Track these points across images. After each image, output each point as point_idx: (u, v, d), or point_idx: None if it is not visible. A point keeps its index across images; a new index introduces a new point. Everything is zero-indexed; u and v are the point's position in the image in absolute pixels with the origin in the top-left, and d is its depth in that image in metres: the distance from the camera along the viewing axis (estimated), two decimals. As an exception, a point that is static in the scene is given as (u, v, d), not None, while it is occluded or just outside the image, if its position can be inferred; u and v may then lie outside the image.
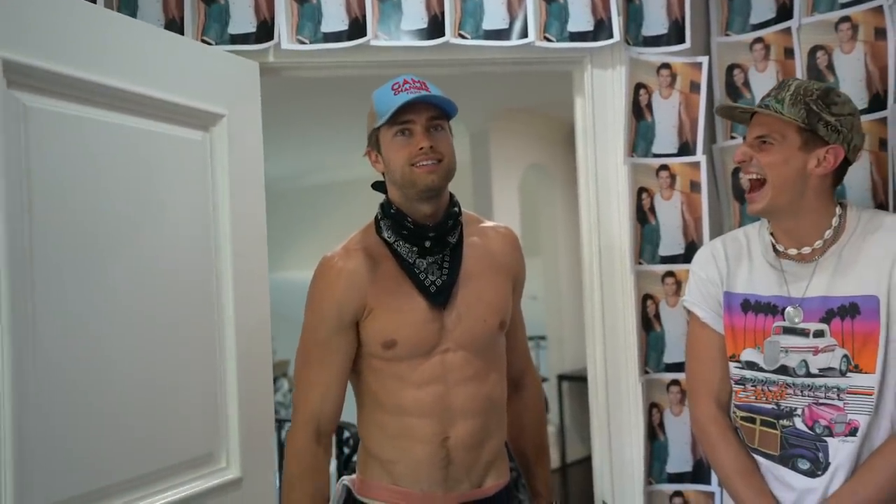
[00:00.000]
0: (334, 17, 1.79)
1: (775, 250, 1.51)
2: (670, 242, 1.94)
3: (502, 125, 5.30)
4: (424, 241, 1.42)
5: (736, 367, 1.53)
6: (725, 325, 1.56)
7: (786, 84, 1.46)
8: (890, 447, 1.36)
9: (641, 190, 1.92)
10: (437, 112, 1.40)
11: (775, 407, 1.47)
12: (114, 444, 1.38)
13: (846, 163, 1.45)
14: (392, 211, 1.43)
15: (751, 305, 1.52)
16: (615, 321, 1.95)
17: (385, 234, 1.43)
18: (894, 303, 1.36)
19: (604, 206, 1.96)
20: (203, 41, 1.76)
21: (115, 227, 1.41)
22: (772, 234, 1.53)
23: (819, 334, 1.43)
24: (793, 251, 1.47)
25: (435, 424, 1.44)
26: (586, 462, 4.25)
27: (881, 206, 1.73)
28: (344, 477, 1.61)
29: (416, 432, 1.45)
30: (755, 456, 1.51)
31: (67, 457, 1.28)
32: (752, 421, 1.51)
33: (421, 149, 1.36)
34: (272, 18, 1.78)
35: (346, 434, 3.61)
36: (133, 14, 1.67)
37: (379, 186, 1.52)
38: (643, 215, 1.93)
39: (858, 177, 1.74)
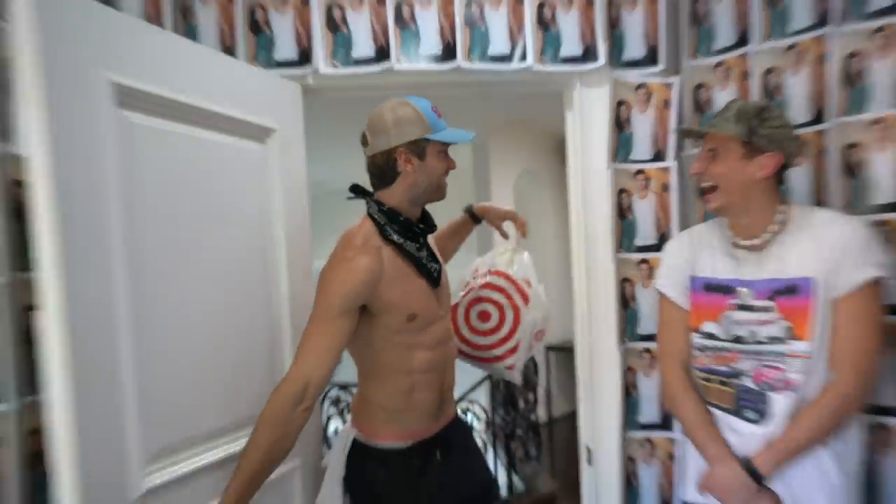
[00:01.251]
0: (363, 45, 1.78)
1: (733, 240, 1.52)
2: (645, 234, 1.94)
3: (499, 136, 5.30)
4: (419, 238, 1.48)
5: (698, 338, 1.54)
6: (691, 303, 1.58)
7: (729, 106, 1.48)
8: (819, 401, 1.38)
9: (621, 191, 1.93)
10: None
11: (729, 369, 1.50)
12: (201, 401, 1.40)
13: (785, 167, 1.47)
14: (401, 219, 1.44)
15: (711, 286, 1.54)
16: (598, 299, 1.95)
17: (395, 238, 1.44)
18: (829, 283, 1.37)
19: (589, 205, 1.96)
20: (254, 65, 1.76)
21: (197, 220, 1.42)
22: (730, 227, 1.54)
23: (766, 309, 1.45)
24: (746, 242, 1.49)
25: (437, 376, 1.53)
26: (569, 417, 4.32)
27: (820, 204, 1.70)
28: (342, 429, 1.62)
29: (423, 385, 1.51)
30: (711, 408, 1.53)
31: (170, 409, 1.31)
32: (710, 381, 1.53)
33: (451, 167, 1.51)
34: (310, 46, 1.77)
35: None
36: (193, 40, 1.64)
37: (356, 189, 1.53)
38: (622, 212, 1.94)
39: (802, 180, 1.74)
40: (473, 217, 1.85)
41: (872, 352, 1.40)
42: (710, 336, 1.53)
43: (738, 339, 1.49)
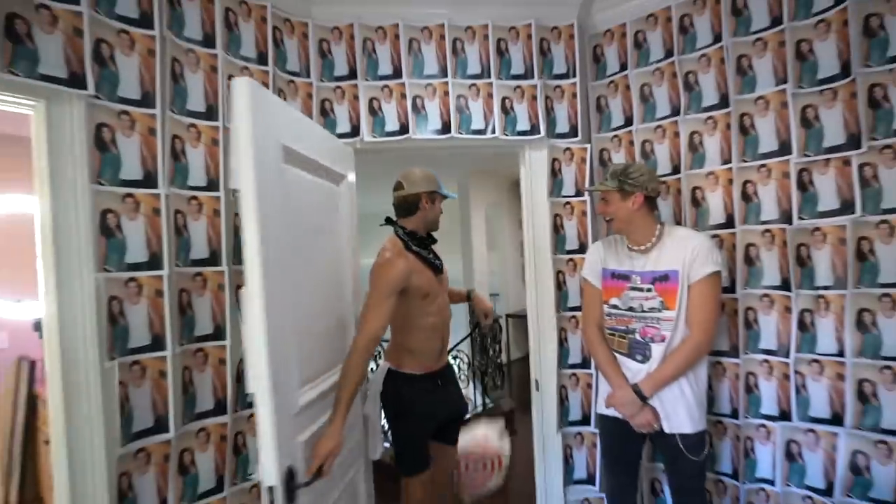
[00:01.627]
0: (391, 123, 1.89)
1: (629, 247, 1.64)
2: (571, 243, 2.03)
3: (475, 179, 5.56)
4: (429, 247, 1.72)
5: (606, 308, 1.66)
6: (602, 286, 1.68)
7: (608, 169, 1.64)
8: (681, 349, 1.52)
9: (556, 215, 2.02)
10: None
11: (626, 328, 1.61)
12: (318, 349, 1.44)
13: (651, 199, 1.59)
14: (417, 237, 1.69)
15: (615, 275, 1.65)
16: (543, 285, 2.03)
17: (414, 248, 1.66)
18: (688, 274, 1.51)
19: (536, 225, 2.04)
20: None
21: (313, 233, 1.45)
22: (627, 239, 1.65)
23: (649, 290, 1.58)
24: (636, 248, 1.62)
25: (439, 332, 1.74)
26: (522, 360, 4.67)
27: (678, 224, 1.88)
28: (381, 363, 1.80)
29: (432, 337, 1.72)
30: (615, 353, 1.64)
31: (307, 353, 1.36)
32: (614, 335, 1.65)
33: (441, 212, 1.76)
34: (359, 124, 1.88)
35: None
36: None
37: (389, 221, 1.75)
38: (557, 228, 2.03)
39: (668, 209, 1.91)
40: (468, 295, 2.00)
41: (714, 317, 1.52)
42: (615, 307, 1.64)
43: (631, 309, 1.60)
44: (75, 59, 1.29)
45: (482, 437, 2.41)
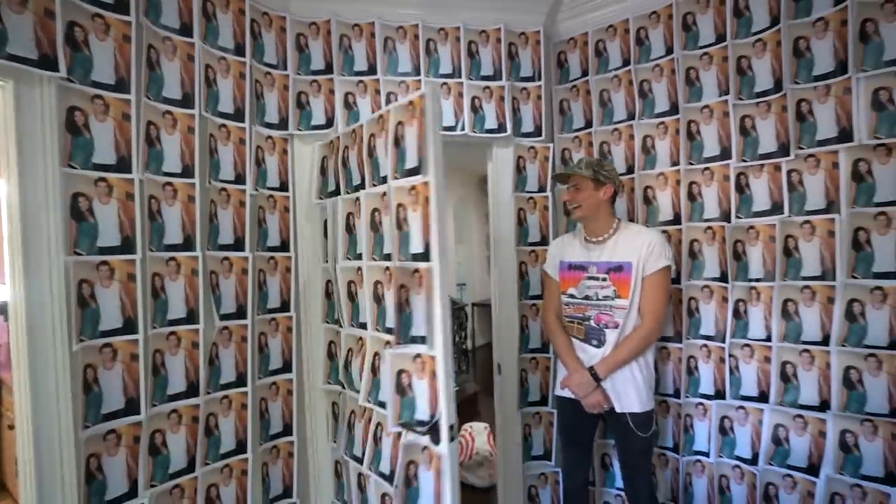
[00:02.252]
0: (366, 117, 1.72)
1: (586, 239, 1.71)
2: (534, 235, 2.09)
3: (447, 175, 5.67)
4: None
5: (565, 297, 1.74)
6: (560, 277, 1.75)
7: (581, 160, 1.69)
8: (633, 335, 1.60)
9: (520, 209, 2.07)
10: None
11: (582, 315, 1.69)
12: None
13: (616, 194, 1.70)
14: None
15: (572, 266, 1.72)
16: (506, 275, 2.07)
17: None
18: (642, 266, 1.59)
19: (502, 218, 2.08)
20: (298, 129, 1.83)
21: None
22: (584, 231, 1.72)
23: (604, 279, 1.65)
24: (594, 238, 1.69)
25: None
26: (486, 346, 4.88)
27: (632, 220, 1.98)
28: None
29: None
30: (573, 339, 1.71)
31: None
32: (572, 322, 1.72)
33: None
34: (334, 117, 1.87)
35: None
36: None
37: None
38: (520, 222, 2.08)
39: (623, 206, 1.99)
40: None
41: (664, 308, 1.61)
42: (572, 296, 1.72)
43: (587, 297, 1.68)
44: (46, 41, 1.24)
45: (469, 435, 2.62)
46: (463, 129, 1.99)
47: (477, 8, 1.99)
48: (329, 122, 1.90)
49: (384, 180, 1.49)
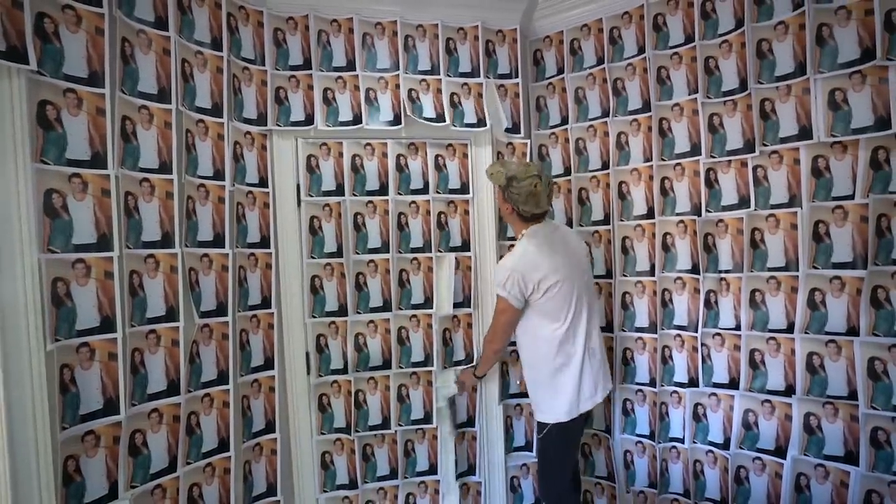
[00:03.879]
0: (345, 113, 1.90)
1: None
2: (511, 231, 1.96)
3: None
4: None
5: None
6: None
7: (526, 164, 1.65)
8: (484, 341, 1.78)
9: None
10: None
11: None
12: None
13: (519, 215, 1.65)
14: None
15: None
16: (486, 270, 2.07)
17: None
18: None
19: (482, 210, 2.07)
20: (277, 125, 1.83)
21: None
22: None
23: None
24: None
25: None
26: None
27: (606, 214, 2.06)
28: None
29: None
30: None
31: None
32: None
33: None
34: (313, 113, 1.88)
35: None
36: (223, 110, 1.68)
37: None
38: (500, 218, 2.06)
39: (598, 200, 2.07)
40: None
41: (494, 324, 1.71)
42: None
43: None
44: (14, 33, 1.21)
45: None
46: (444, 121, 2.00)
47: (454, 5, 2.02)
48: (309, 118, 1.90)
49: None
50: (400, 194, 2.00)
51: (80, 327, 1.31)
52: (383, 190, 1.99)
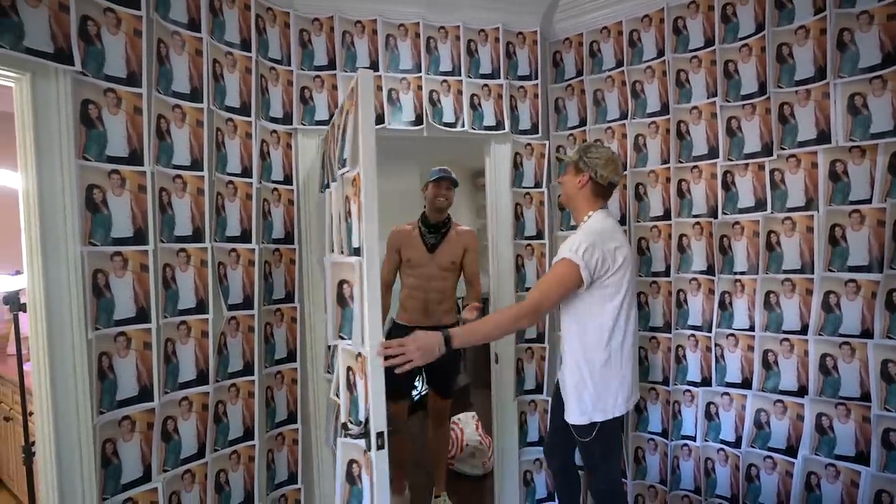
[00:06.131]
0: None
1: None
2: (530, 229, 2.16)
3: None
4: (430, 228, 2.14)
5: None
6: None
7: (583, 143, 1.70)
8: (505, 309, 1.49)
9: (517, 204, 2.15)
10: (449, 183, 2.12)
11: None
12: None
13: (599, 186, 1.56)
14: (424, 216, 2.15)
15: None
16: (503, 268, 2.12)
17: (419, 223, 2.15)
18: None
19: (500, 212, 2.14)
20: (302, 124, 1.88)
21: None
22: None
23: None
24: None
25: (420, 294, 2.14)
26: None
27: (623, 215, 2.06)
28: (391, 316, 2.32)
29: (413, 294, 2.16)
30: None
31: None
32: None
33: (442, 193, 2.13)
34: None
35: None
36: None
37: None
38: (517, 216, 2.15)
39: (615, 202, 2.09)
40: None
41: (541, 294, 1.45)
42: None
43: None
44: (61, 35, 1.28)
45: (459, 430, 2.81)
46: (463, 125, 2.06)
47: (476, 7, 2.05)
48: (332, 118, 1.94)
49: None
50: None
51: (117, 317, 1.38)
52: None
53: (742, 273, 1.84)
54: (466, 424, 3.00)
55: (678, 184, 1.97)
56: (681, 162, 1.96)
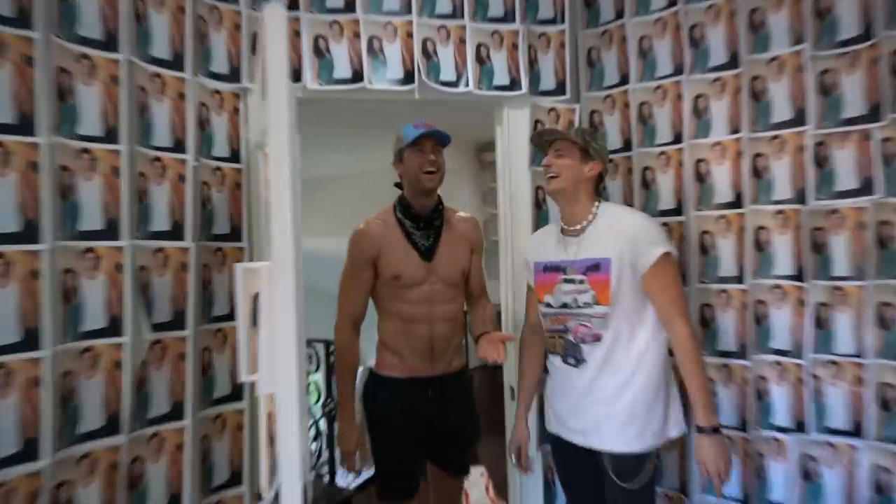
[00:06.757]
0: (342, 68, 1.90)
1: (563, 230, 1.71)
2: (554, 218, 1.89)
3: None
4: (419, 221, 1.78)
5: (542, 308, 1.74)
6: (536, 282, 1.76)
7: (573, 127, 1.77)
8: (681, 355, 1.57)
9: (538, 188, 2.11)
10: (436, 142, 1.75)
11: (563, 327, 1.67)
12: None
13: (602, 178, 1.70)
14: (405, 203, 1.79)
15: (547, 268, 1.72)
16: (522, 271, 1.96)
17: (398, 215, 1.78)
18: (631, 264, 1.57)
19: (516, 198, 2.11)
20: (252, 82, 1.80)
21: None
22: (561, 217, 1.73)
23: (581, 281, 1.63)
24: (570, 228, 1.68)
25: (422, 328, 1.78)
26: (482, 368, 4.48)
27: (678, 200, 2.01)
28: (367, 363, 1.92)
29: (409, 329, 1.78)
30: (553, 358, 1.71)
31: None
32: (554, 337, 1.70)
33: (429, 160, 1.72)
34: (301, 67, 1.87)
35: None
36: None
37: (398, 185, 1.84)
38: (538, 204, 2.13)
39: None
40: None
41: (685, 302, 1.63)
42: (548, 305, 1.71)
43: (565, 305, 1.67)
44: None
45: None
46: (467, 84, 2.01)
47: (484, -71, 2.00)
48: (296, 75, 1.87)
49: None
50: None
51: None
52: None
53: (844, 278, 1.74)
54: (474, 485, 2.87)
55: (753, 159, 1.89)
56: (756, 131, 1.88)
